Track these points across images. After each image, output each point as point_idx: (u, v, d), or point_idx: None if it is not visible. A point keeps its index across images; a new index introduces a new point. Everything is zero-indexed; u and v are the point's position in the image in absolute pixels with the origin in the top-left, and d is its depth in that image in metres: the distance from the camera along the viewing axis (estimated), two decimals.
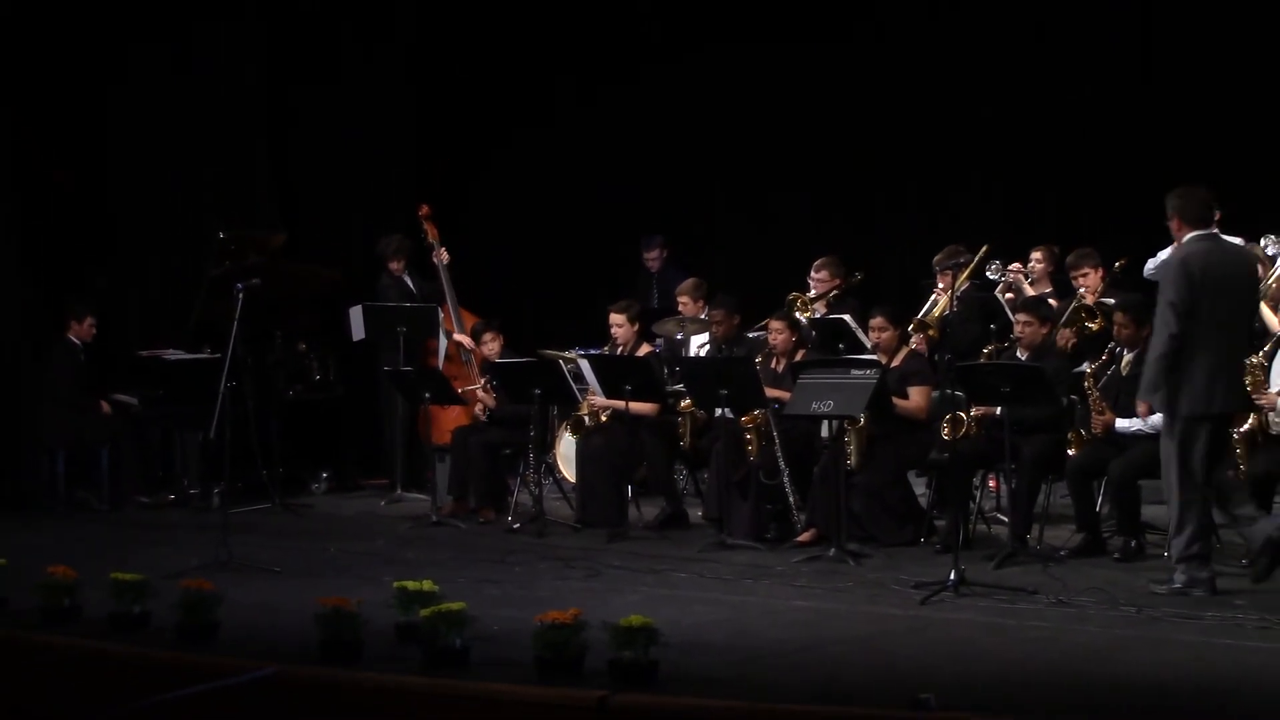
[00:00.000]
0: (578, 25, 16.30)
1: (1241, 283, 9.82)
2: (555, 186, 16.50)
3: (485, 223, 15.91)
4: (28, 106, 14.45)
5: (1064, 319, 12.06)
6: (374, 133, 16.16)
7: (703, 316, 13.17)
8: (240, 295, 11.91)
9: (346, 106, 16.03)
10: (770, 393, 11.52)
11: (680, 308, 13.48)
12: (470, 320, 14.00)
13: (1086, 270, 12.25)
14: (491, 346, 13.18)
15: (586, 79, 16.42)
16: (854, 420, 11.07)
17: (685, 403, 12.24)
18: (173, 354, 14.21)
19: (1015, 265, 12.87)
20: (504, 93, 16.56)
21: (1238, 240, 12.37)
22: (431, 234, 14.42)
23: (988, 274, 12.76)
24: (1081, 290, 12.24)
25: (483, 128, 16.69)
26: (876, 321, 11.61)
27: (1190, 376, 9.54)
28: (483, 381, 13.13)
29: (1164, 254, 12.73)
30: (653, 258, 15.46)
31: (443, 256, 14.35)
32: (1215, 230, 9.79)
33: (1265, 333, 11.17)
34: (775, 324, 12.02)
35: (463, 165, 16.59)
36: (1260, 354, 10.59)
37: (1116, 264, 12.51)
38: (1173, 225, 9.78)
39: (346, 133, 15.98)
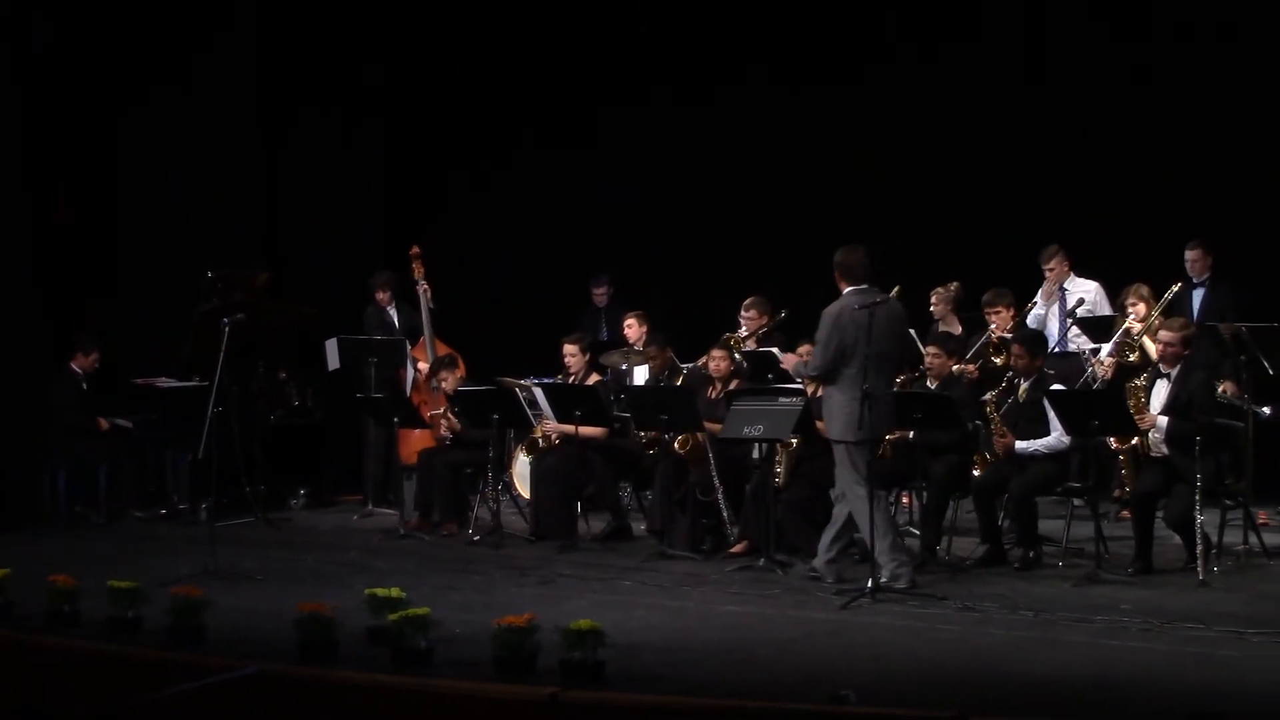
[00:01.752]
0: (535, 81, 16.31)
1: (886, 329, 10.25)
2: (512, 230, 16.49)
3: (447, 263, 15.87)
4: (38, 152, 14.37)
5: (972, 352, 12.13)
6: (350, 183, 16.17)
7: (639, 347, 13.21)
8: (227, 329, 11.88)
9: (326, 160, 16.02)
10: (709, 427, 11.53)
11: (626, 329, 13.51)
12: (444, 351, 13.97)
13: (1000, 308, 12.31)
14: (449, 381, 13.16)
15: (540, 132, 16.41)
16: (783, 442, 11.09)
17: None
18: (165, 382, 14.13)
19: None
20: (465, 144, 16.56)
21: (1092, 284, 12.59)
22: (418, 271, 14.41)
23: None
24: (993, 325, 12.29)
25: (446, 179, 16.71)
26: (804, 349, 11.63)
27: (842, 407, 10.11)
28: (445, 409, 13.08)
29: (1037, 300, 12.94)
30: (600, 293, 15.44)
31: (425, 291, 14.33)
32: (866, 285, 10.32)
33: (1146, 361, 11.28)
34: (717, 352, 12.02)
35: (427, 212, 16.57)
36: (1141, 379, 10.68)
37: (1028, 306, 12.62)
38: (837, 277, 10.40)
39: (326, 184, 15.98)
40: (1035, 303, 12.87)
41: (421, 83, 16.58)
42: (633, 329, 13.40)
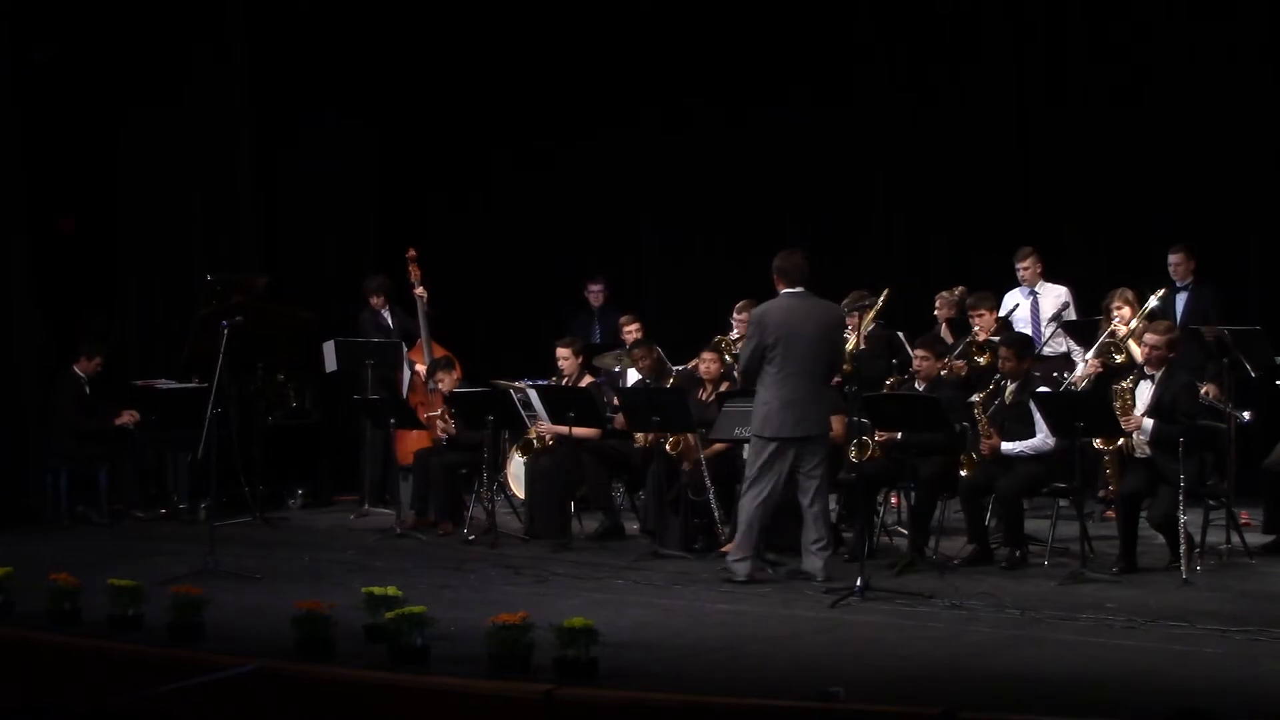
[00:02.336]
0: (530, 85, 16.32)
1: (813, 332, 10.38)
2: (506, 234, 16.51)
3: (444, 267, 15.89)
4: (41, 162, 14.36)
5: (958, 351, 12.14)
6: (347, 188, 16.16)
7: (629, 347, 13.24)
8: (226, 331, 11.89)
9: (323, 165, 16.01)
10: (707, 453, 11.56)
11: (630, 333, 13.51)
12: (440, 354, 13.99)
13: (983, 311, 12.32)
14: (446, 383, 13.17)
15: (536, 136, 16.43)
16: None
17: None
18: (165, 383, 14.12)
19: None
20: (461, 148, 16.57)
21: (1062, 288, 12.59)
22: (414, 274, 14.41)
23: None
24: (977, 329, 12.31)
25: (443, 183, 16.70)
26: None
27: (761, 405, 10.31)
28: (442, 410, 13.08)
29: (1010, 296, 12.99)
30: (596, 290, 15.41)
31: (421, 296, 14.33)
32: (801, 289, 10.50)
33: (1132, 364, 11.29)
34: (708, 355, 12.03)
35: (425, 215, 16.57)
36: (1128, 381, 10.69)
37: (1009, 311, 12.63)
38: (775, 280, 10.56)
39: (323, 188, 15.97)
40: (1016, 304, 12.92)
41: (417, 88, 16.57)
42: (637, 331, 13.40)
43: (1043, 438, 10.75)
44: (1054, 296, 12.91)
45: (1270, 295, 12.90)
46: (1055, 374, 11.94)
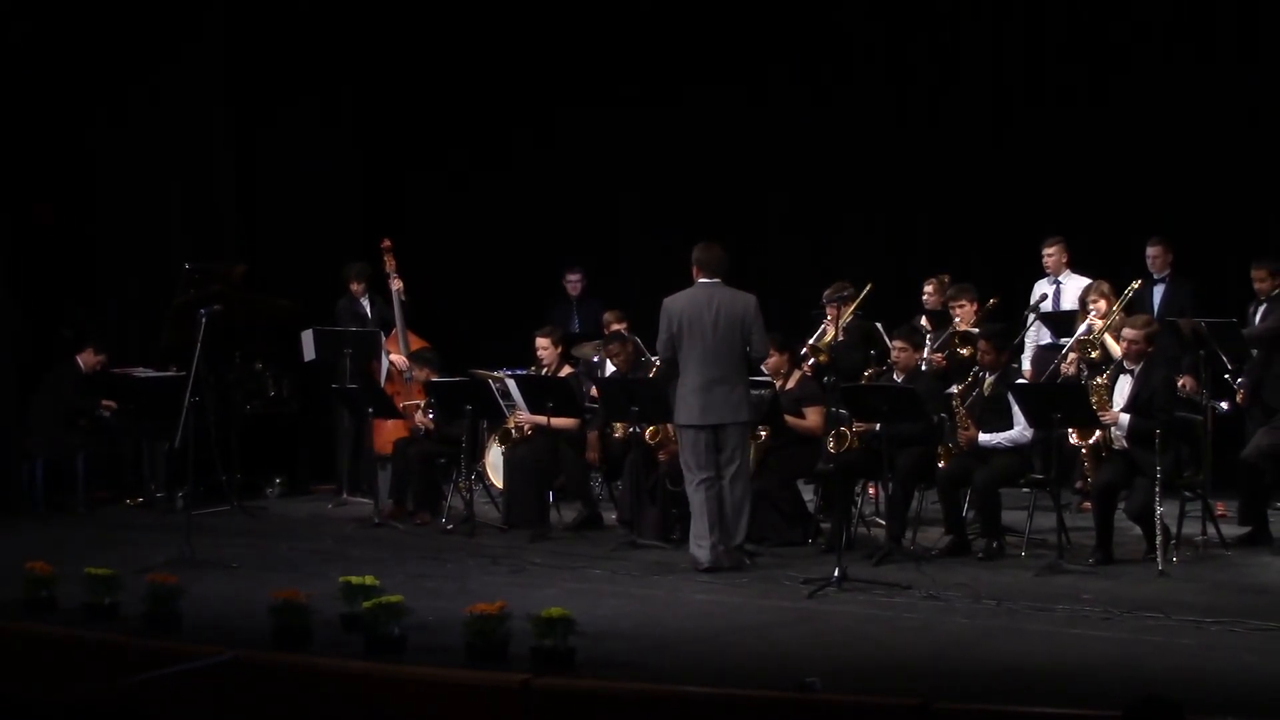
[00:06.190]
0: (506, 76, 16.28)
1: (714, 320, 10.50)
2: (486, 224, 16.47)
3: (422, 256, 15.84)
4: (15, 148, 14.30)
5: (939, 343, 12.15)
6: (326, 178, 16.09)
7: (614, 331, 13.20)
8: (204, 320, 11.84)
9: (302, 154, 15.95)
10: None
11: (611, 329, 13.50)
12: (416, 343, 13.95)
13: (963, 302, 12.34)
14: (419, 374, 13.17)
15: (515, 127, 16.39)
16: (752, 433, 11.09)
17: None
18: (142, 372, 14.08)
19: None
20: (441, 138, 16.53)
21: (1087, 280, 12.59)
22: (389, 264, 14.38)
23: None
24: (957, 320, 12.32)
25: (422, 172, 16.65)
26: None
27: (681, 394, 10.47)
28: (422, 404, 13.06)
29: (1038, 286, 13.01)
30: (574, 280, 15.41)
31: (396, 285, 14.31)
32: (718, 280, 10.65)
33: (1108, 358, 11.30)
34: None
35: (404, 204, 16.53)
36: (1104, 376, 10.71)
37: (990, 300, 12.62)
38: (694, 271, 10.71)
39: (302, 178, 15.91)
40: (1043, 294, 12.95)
41: (398, 76, 16.52)
42: (624, 329, 13.39)
43: (1020, 429, 10.77)
44: (1077, 287, 12.92)
45: (1247, 289, 12.91)
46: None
